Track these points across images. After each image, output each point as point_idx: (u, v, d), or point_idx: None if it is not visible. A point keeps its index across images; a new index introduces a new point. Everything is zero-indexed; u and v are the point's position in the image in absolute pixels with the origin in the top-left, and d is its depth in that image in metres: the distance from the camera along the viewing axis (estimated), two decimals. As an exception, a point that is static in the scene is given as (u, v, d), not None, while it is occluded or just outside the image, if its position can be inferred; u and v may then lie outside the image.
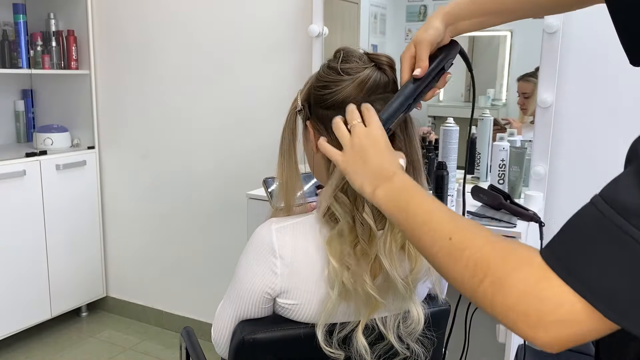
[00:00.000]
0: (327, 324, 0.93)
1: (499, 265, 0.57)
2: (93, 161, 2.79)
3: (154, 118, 2.65)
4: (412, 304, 0.96)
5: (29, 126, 2.89)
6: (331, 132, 0.91)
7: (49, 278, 2.62)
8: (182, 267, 2.71)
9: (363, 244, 0.91)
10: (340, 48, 0.98)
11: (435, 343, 1.00)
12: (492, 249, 0.59)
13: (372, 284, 0.91)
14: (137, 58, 2.64)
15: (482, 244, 0.61)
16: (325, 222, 0.93)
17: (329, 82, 0.94)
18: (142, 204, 2.78)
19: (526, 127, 1.95)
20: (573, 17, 1.71)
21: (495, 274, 0.57)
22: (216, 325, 1.03)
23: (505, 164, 1.79)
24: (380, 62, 0.94)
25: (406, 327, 0.96)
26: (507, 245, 0.60)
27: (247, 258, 0.97)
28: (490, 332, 1.60)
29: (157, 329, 2.80)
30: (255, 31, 2.33)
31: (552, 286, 0.53)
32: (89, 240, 2.82)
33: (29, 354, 2.55)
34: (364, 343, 0.93)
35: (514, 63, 2.01)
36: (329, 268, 0.90)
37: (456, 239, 0.63)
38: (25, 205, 2.50)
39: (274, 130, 2.32)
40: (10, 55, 2.58)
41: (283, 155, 1.00)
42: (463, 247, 0.62)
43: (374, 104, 0.91)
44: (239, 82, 2.40)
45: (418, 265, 0.94)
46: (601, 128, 1.78)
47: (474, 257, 0.60)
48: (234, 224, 2.48)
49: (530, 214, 1.55)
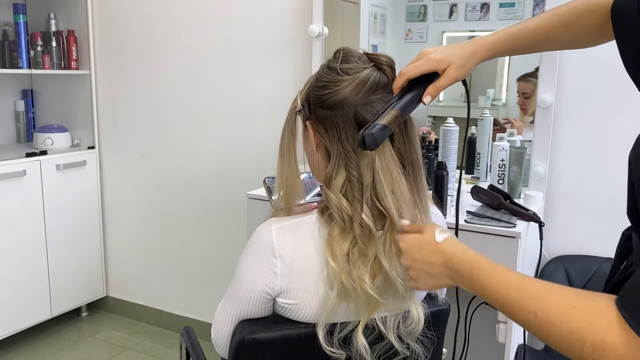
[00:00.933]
0: (328, 323, 0.93)
1: (592, 334, 0.60)
2: (93, 161, 2.79)
3: (154, 118, 2.65)
4: (412, 303, 0.96)
5: (29, 126, 2.89)
6: (330, 132, 0.92)
7: (49, 278, 2.62)
8: (182, 267, 2.71)
9: (361, 245, 0.91)
10: (340, 48, 0.99)
11: (435, 343, 1.00)
12: (579, 319, 0.62)
13: (372, 284, 0.91)
14: (137, 58, 2.64)
15: (567, 314, 0.63)
16: (324, 222, 0.93)
17: (328, 82, 0.94)
18: (142, 204, 2.78)
19: (526, 127, 1.95)
20: (573, 17, 1.71)
21: (591, 341, 0.60)
22: (216, 325, 1.03)
23: (505, 164, 1.80)
24: (380, 63, 0.94)
25: (406, 326, 0.96)
26: (588, 309, 0.62)
27: (247, 258, 0.97)
28: (490, 332, 1.61)
29: (157, 329, 2.80)
30: (255, 31, 2.33)
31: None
32: (89, 240, 2.82)
33: (29, 354, 2.55)
34: (364, 343, 0.93)
35: (514, 63, 2.01)
36: (327, 268, 0.91)
37: (541, 313, 0.66)
38: (25, 205, 2.50)
39: (274, 130, 2.32)
40: (10, 55, 2.58)
41: (283, 155, 1.00)
42: (550, 321, 0.64)
43: (373, 104, 0.91)
44: (239, 82, 2.40)
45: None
46: (601, 128, 1.78)
47: (566, 329, 0.62)
48: (234, 224, 2.48)
49: (530, 214, 1.56)
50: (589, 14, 0.87)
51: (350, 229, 0.91)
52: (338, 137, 0.93)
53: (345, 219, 0.91)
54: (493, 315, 1.57)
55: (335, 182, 0.93)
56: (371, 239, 0.91)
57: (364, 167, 0.91)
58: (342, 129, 0.93)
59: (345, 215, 0.91)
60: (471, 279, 0.76)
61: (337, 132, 0.93)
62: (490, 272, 0.74)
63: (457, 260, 0.78)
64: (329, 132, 0.94)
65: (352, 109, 0.91)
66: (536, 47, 0.94)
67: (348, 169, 0.92)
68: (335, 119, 0.93)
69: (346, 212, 0.91)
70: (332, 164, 0.94)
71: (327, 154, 0.96)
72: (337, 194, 0.92)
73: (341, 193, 0.92)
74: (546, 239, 1.63)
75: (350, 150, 0.92)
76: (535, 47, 0.94)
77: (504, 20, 1.94)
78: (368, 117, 0.90)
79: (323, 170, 0.97)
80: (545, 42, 0.92)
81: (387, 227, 0.91)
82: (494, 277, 0.73)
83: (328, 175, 0.94)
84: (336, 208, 0.91)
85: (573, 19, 0.88)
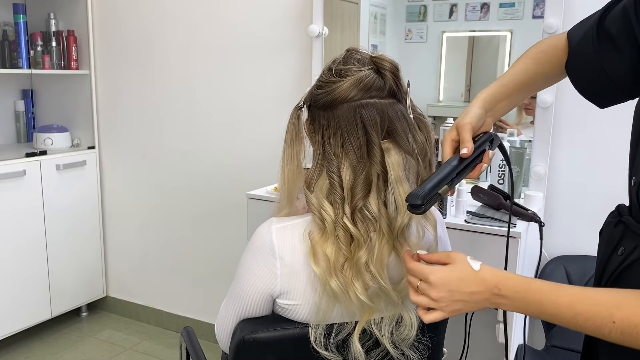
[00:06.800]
0: (324, 325, 0.93)
1: None
2: (93, 161, 2.79)
3: (154, 118, 2.65)
4: (405, 309, 0.94)
5: (29, 126, 2.89)
6: (317, 132, 0.93)
7: (49, 278, 2.62)
8: (182, 267, 2.71)
9: (345, 250, 0.90)
10: (348, 48, 0.98)
11: (431, 349, 0.99)
12: None
13: (363, 289, 0.90)
14: (137, 58, 2.64)
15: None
16: (315, 226, 0.92)
17: (323, 83, 0.94)
18: (142, 204, 2.78)
19: (526, 127, 1.95)
20: (573, 17, 1.71)
21: None
22: (219, 323, 1.04)
23: (505, 164, 1.80)
24: (381, 66, 0.93)
25: (400, 333, 0.95)
26: None
27: (247, 258, 0.97)
28: (490, 332, 1.61)
29: (157, 329, 2.80)
30: (255, 31, 2.33)
31: None
32: (89, 240, 2.82)
33: (29, 354, 2.55)
34: (359, 348, 0.92)
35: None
36: (316, 273, 0.90)
37: (619, 318, 0.67)
38: (25, 205, 2.50)
39: (274, 129, 2.33)
40: (10, 55, 2.58)
41: (285, 149, 1.00)
42: (633, 324, 0.66)
43: (365, 108, 0.90)
44: (239, 82, 2.40)
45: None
46: (601, 128, 1.78)
47: None
48: (234, 224, 2.48)
49: (530, 214, 1.56)
50: (552, 49, 0.93)
51: (333, 232, 0.90)
52: (322, 137, 0.93)
53: (327, 222, 0.90)
54: (493, 315, 1.57)
55: (316, 185, 0.92)
56: (356, 244, 0.90)
57: (345, 170, 0.90)
58: (325, 130, 0.93)
59: (327, 217, 0.90)
60: (526, 301, 0.75)
61: (322, 133, 0.93)
62: (546, 291, 0.74)
63: (504, 285, 0.76)
64: (316, 132, 0.94)
65: (342, 111, 0.91)
66: (520, 90, 0.96)
67: (329, 172, 0.91)
68: (322, 120, 0.93)
69: (327, 215, 0.90)
70: (313, 166, 0.94)
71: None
72: (318, 196, 0.91)
73: (324, 196, 0.91)
74: (546, 239, 1.63)
75: (331, 152, 0.91)
76: (518, 90, 0.96)
77: (504, 20, 1.94)
78: (354, 121, 0.90)
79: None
80: (526, 82, 0.96)
81: (378, 231, 0.91)
82: (551, 295, 0.73)
83: (308, 178, 0.94)
84: (316, 210, 0.91)
85: (541, 55, 0.95)
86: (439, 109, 2.17)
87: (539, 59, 0.95)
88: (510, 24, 1.94)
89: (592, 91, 0.88)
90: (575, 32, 0.89)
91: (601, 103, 0.90)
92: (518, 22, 1.92)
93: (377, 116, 0.90)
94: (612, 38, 0.80)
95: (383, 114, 0.91)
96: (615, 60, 0.80)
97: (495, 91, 0.94)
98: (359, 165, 0.91)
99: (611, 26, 0.81)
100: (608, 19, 0.82)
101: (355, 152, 0.90)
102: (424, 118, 0.98)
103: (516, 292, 0.75)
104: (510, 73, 0.96)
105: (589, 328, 0.70)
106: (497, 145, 0.93)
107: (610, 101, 0.88)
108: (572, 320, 0.71)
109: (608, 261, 0.80)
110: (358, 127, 0.90)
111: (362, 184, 0.91)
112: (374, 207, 0.90)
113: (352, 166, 0.91)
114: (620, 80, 0.81)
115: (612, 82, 0.82)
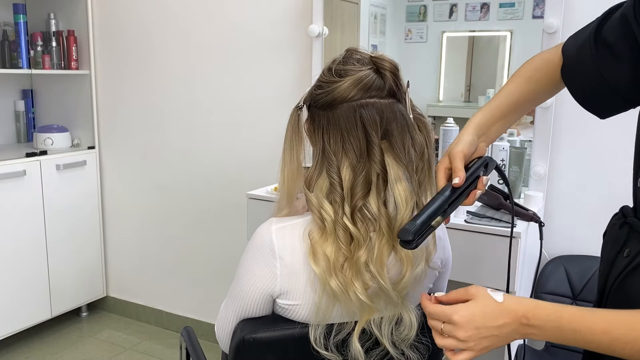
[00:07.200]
0: (323, 325, 0.93)
1: None
2: (93, 161, 2.79)
3: (154, 118, 2.65)
4: (405, 309, 0.94)
5: (29, 126, 2.89)
6: (317, 132, 0.93)
7: (49, 278, 2.62)
8: (182, 267, 2.71)
9: (345, 250, 0.90)
10: (347, 48, 0.98)
11: (431, 349, 0.98)
12: None
13: (363, 289, 0.90)
14: (137, 58, 2.64)
15: None
16: (315, 225, 0.92)
17: (322, 83, 0.94)
18: (142, 204, 2.78)
19: (526, 127, 1.95)
20: (573, 17, 1.71)
21: None
22: (219, 322, 1.04)
23: (505, 164, 1.80)
24: (381, 66, 0.93)
25: (399, 333, 0.95)
26: None
27: (247, 258, 0.97)
28: (490, 332, 1.60)
29: (157, 329, 2.80)
30: (255, 31, 2.33)
31: None
32: (89, 240, 2.82)
33: (29, 354, 2.55)
34: (359, 348, 0.92)
35: (514, 63, 2.00)
36: (316, 273, 0.90)
37: None
38: (25, 205, 2.50)
39: (274, 129, 2.33)
40: (10, 55, 2.58)
41: (285, 151, 1.00)
42: None
43: (365, 108, 0.90)
44: (239, 82, 2.40)
45: (407, 276, 0.92)
46: (601, 128, 1.78)
47: None
48: (234, 224, 2.48)
49: (530, 214, 1.56)
50: (546, 65, 0.93)
51: (332, 232, 0.90)
52: (322, 137, 0.93)
53: (327, 222, 0.90)
54: (493, 315, 1.57)
55: (316, 184, 0.92)
56: (356, 244, 0.90)
57: (344, 170, 0.90)
58: (325, 130, 0.93)
59: (327, 217, 0.90)
60: (559, 330, 0.73)
61: (321, 133, 0.93)
62: (579, 317, 0.72)
63: (533, 315, 0.73)
64: (316, 131, 0.94)
65: (342, 111, 0.91)
66: (514, 110, 0.96)
67: (329, 172, 0.91)
68: (321, 119, 0.93)
69: (327, 215, 0.90)
70: (313, 166, 0.94)
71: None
72: (318, 196, 0.91)
73: (324, 196, 0.91)
74: (546, 239, 1.63)
75: (331, 152, 0.91)
76: (512, 111, 0.96)
77: (504, 20, 1.94)
78: (354, 121, 0.90)
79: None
80: (519, 102, 0.95)
81: (378, 231, 0.91)
82: (585, 321, 0.72)
83: (308, 177, 0.93)
84: (316, 210, 0.91)
85: (533, 73, 0.94)
86: (438, 109, 2.17)
87: (531, 77, 0.94)
88: (510, 24, 1.94)
89: (592, 101, 0.90)
90: (570, 44, 0.89)
91: (602, 113, 0.91)
92: (518, 22, 1.92)
93: (376, 116, 0.90)
94: (610, 46, 0.80)
95: (383, 113, 0.91)
96: (614, 67, 0.80)
97: (488, 115, 0.94)
98: (358, 165, 0.91)
99: (609, 35, 0.81)
100: (605, 28, 0.82)
101: (355, 152, 0.90)
102: (423, 118, 0.97)
103: (548, 322, 0.73)
104: (503, 94, 0.95)
105: (627, 352, 0.69)
106: (492, 169, 0.93)
107: (611, 110, 0.90)
108: (609, 346, 0.70)
109: (614, 263, 0.79)
110: (358, 126, 0.90)
111: (361, 183, 0.91)
112: (374, 206, 0.90)
113: (352, 166, 0.91)
114: (620, 87, 0.81)
115: (612, 90, 0.82)
